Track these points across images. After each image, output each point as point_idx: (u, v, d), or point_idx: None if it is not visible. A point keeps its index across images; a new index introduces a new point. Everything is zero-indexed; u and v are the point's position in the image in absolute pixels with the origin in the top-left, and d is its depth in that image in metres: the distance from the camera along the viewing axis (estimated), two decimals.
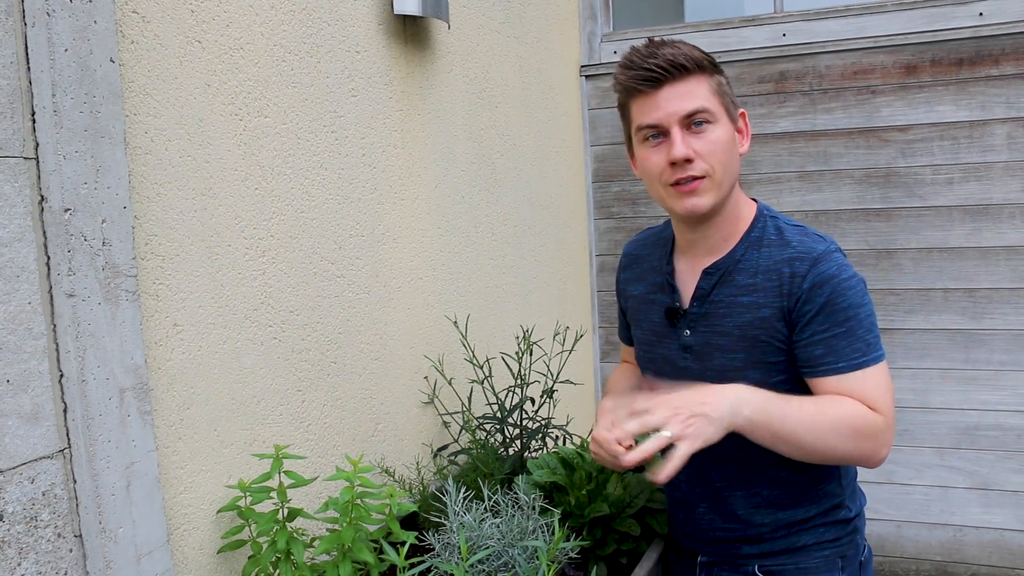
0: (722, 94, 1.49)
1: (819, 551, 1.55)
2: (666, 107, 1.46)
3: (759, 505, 1.58)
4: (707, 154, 1.47)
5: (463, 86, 2.65)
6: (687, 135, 1.46)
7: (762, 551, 1.58)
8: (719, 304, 1.53)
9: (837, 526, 1.57)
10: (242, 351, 1.77)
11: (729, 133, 1.49)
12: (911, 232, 3.27)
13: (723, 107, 1.48)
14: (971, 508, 3.29)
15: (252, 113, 1.80)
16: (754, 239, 1.53)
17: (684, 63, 1.45)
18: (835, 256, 1.46)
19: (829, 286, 1.43)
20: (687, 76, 1.46)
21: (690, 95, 1.46)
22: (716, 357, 1.54)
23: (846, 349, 1.42)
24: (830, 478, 1.56)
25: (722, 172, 1.48)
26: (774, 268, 1.49)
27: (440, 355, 2.46)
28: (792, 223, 1.55)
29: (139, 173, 1.53)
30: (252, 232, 1.80)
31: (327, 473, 2.01)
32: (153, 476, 1.52)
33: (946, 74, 3.17)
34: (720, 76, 1.51)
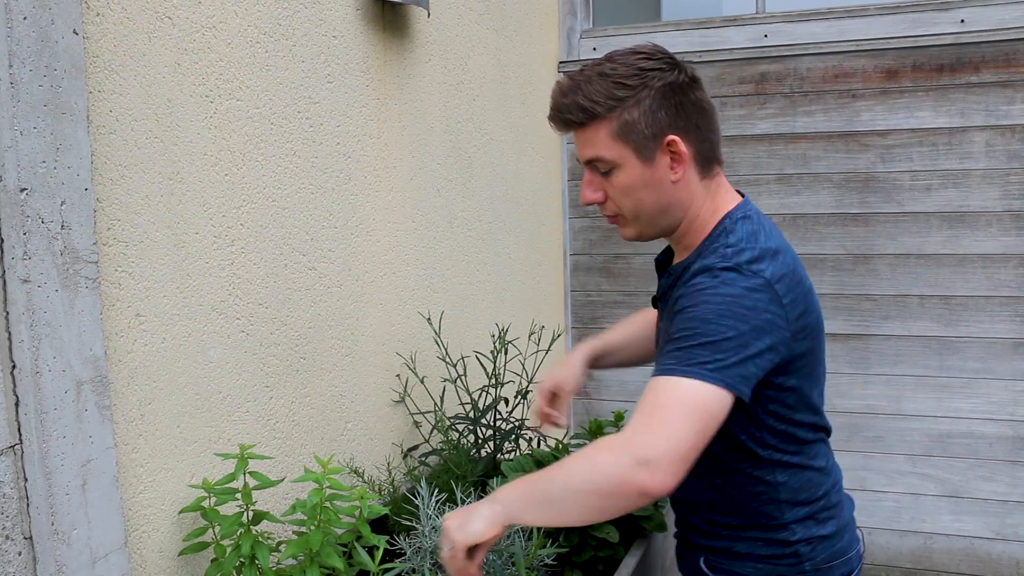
0: (627, 134, 1.39)
1: (752, 562, 1.51)
2: (577, 149, 1.47)
3: (700, 504, 1.56)
4: (614, 196, 1.45)
5: (441, 77, 2.58)
6: (596, 176, 1.45)
7: (707, 546, 1.56)
8: (668, 304, 1.48)
9: (774, 544, 1.50)
10: (208, 344, 1.69)
11: (636, 174, 1.41)
12: (888, 238, 3.25)
13: (630, 148, 1.40)
14: (942, 516, 3.28)
15: (223, 95, 1.72)
16: (702, 248, 1.46)
17: (572, 118, 1.42)
18: (722, 274, 1.34)
19: (691, 296, 1.35)
20: (584, 125, 1.42)
21: (588, 143, 1.43)
22: None
23: (665, 355, 1.32)
24: (763, 499, 1.49)
25: (634, 211, 1.45)
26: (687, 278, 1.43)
27: (412, 353, 2.39)
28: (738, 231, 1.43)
29: (102, 153, 1.44)
30: (221, 220, 1.72)
31: (294, 473, 1.93)
32: (111, 475, 1.43)
33: (926, 80, 3.16)
34: (629, 112, 1.38)
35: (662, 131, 1.39)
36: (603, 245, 3.65)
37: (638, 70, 1.39)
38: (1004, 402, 3.17)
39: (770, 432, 1.44)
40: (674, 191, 1.44)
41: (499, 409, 2.37)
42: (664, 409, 1.24)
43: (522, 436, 2.37)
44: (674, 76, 1.40)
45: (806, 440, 1.49)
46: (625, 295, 3.63)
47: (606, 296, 3.66)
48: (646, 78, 1.39)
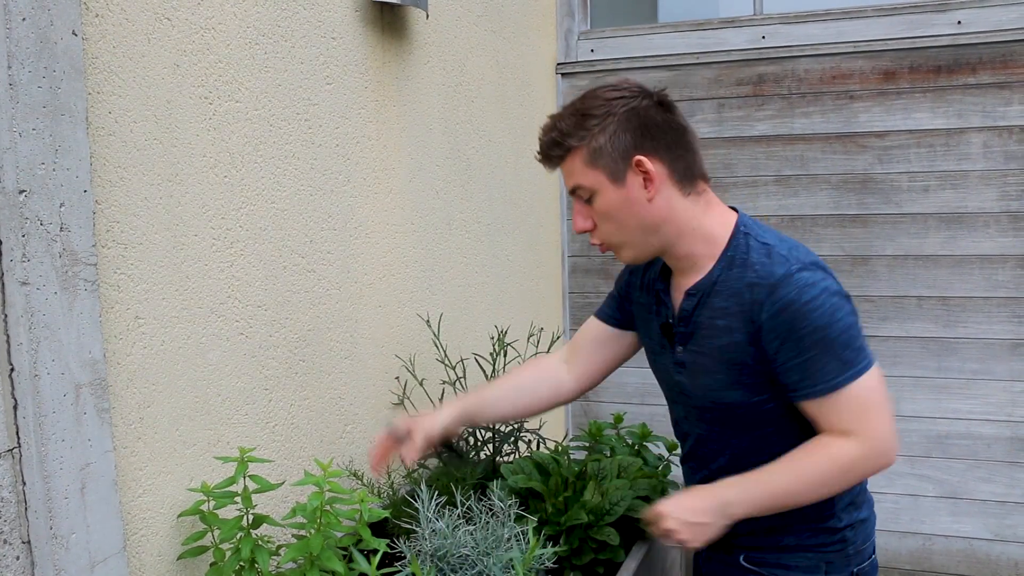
0: (597, 159, 1.47)
1: (802, 553, 1.57)
2: (564, 181, 1.56)
3: None
4: (599, 222, 1.52)
5: (440, 78, 2.58)
6: (584, 205, 1.54)
7: (749, 544, 1.61)
8: (700, 326, 1.53)
9: (823, 533, 1.57)
10: (207, 347, 1.68)
11: (612, 197, 1.48)
12: (887, 239, 3.25)
13: (602, 172, 1.47)
14: (940, 517, 3.28)
15: (222, 97, 1.71)
16: (728, 259, 1.50)
17: (553, 153, 1.52)
18: (795, 279, 1.41)
19: (789, 312, 1.40)
20: (563, 159, 1.51)
21: (568, 174, 1.52)
22: (701, 376, 1.55)
23: (820, 372, 1.41)
24: None
25: (619, 235, 1.52)
26: (738, 292, 1.47)
27: (411, 355, 2.38)
28: (763, 239, 1.50)
29: (101, 155, 1.43)
30: (220, 222, 1.71)
31: (293, 476, 1.92)
32: (110, 478, 1.43)
33: (924, 81, 3.16)
34: (595, 139, 1.46)
35: (628, 152, 1.46)
36: None
37: (604, 101, 1.48)
38: (1002, 403, 3.17)
39: None
40: (652, 210, 1.49)
41: None
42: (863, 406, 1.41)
43: (520, 439, 2.36)
44: (638, 102, 1.47)
45: None
46: None
47: (604, 298, 3.65)
48: (611, 107, 1.47)
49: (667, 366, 1.64)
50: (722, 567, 1.65)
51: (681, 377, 1.60)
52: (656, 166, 1.46)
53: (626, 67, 3.53)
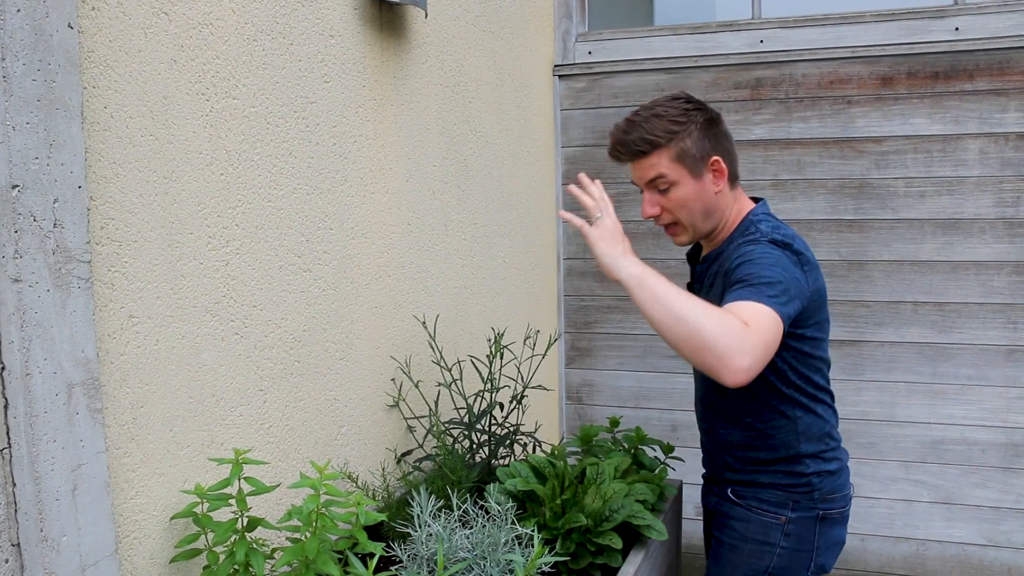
0: (683, 158, 1.82)
1: (774, 490, 1.90)
2: (635, 175, 1.88)
3: (733, 443, 1.94)
4: (671, 209, 1.86)
5: (437, 78, 2.56)
6: (655, 194, 1.86)
7: (735, 479, 1.95)
8: (703, 288, 1.92)
9: (792, 476, 1.88)
10: (201, 346, 1.66)
11: (691, 188, 1.83)
12: (883, 244, 3.25)
13: (685, 168, 1.82)
14: (934, 522, 3.28)
15: (220, 94, 1.69)
16: (735, 235, 1.87)
17: (641, 148, 1.83)
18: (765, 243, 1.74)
19: (744, 255, 1.72)
20: (647, 154, 1.83)
21: (651, 167, 1.83)
22: None
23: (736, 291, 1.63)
24: (783, 431, 1.86)
25: (689, 219, 1.86)
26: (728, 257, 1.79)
27: (407, 356, 2.36)
28: (759, 224, 1.83)
29: (96, 151, 1.41)
30: (216, 220, 1.69)
31: (288, 478, 1.90)
32: (102, 479, 1.40)
33: (921, 87, 3.16)
34: (682, 142, 1.81)
35: (708, 154, 1.83)
36: None
37: (683, 111, 1.83)
38: (997, 409, 3.17)
39: (793, 372, 1.82)
40: (715, 200, 1.86)
41: (494, 414, 2.34)
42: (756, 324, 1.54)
43: (517, 442, 2.34)
44: (707, 115, 1.86)
45: (818, 388, 1.87)
46: (619, 300, 3.61)
47: (600, 301, 3.64)
48: (691, 116, 1.83)
49: None
50: (717, 500, 2.00)
51: None
52: (723, 164, 1.84)
53: (624, 69, 3.52)
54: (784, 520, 1.88)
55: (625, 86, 3.54)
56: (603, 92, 3.58)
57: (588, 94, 3.60)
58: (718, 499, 1.99)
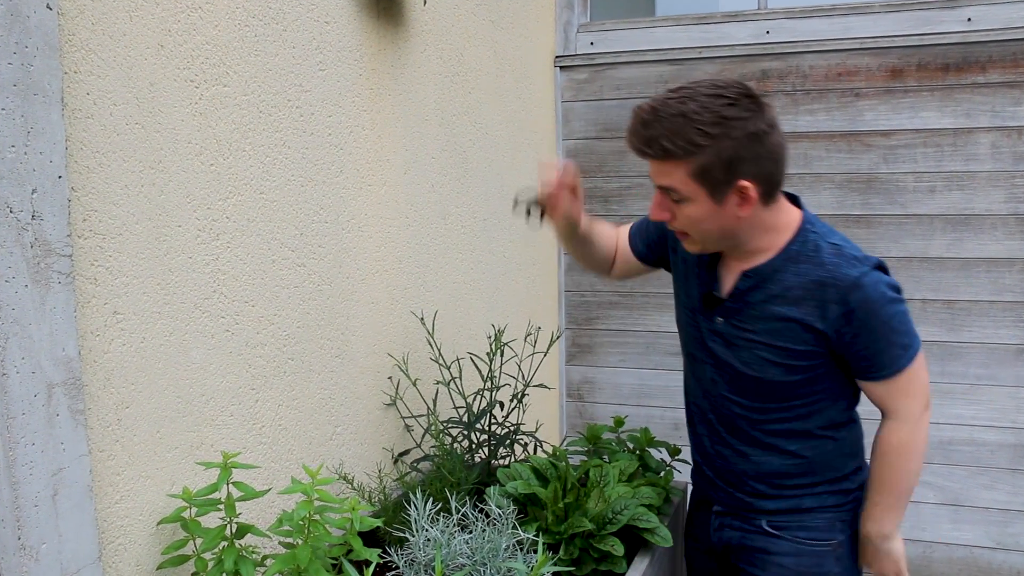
0: (702, 177, 1.50)
1: (822, 513, 1.72)
2: (651, 172, 1.58)
3: (772, 471, 1.73)
4: (681, 219, 1.59)
5: (436, 68, 2.49)
6: (667, 200, 1.58)
7: (771, 508, 1.74)
8: (752, 306, 1.64)
9: (838, 495, 1.72)
10: (190, 344, 1.59)
11: (707, 209, 1.54)
12: (891, 240, 3.18)
13: (703, 189, 1.51)
14: (941, 524, 3.22)
15: (209, 81, 1.62)
16: (793, 252, 1.60)
17: (650, 152, 1.52)
18: (867, 279, 1.55)
19: (862, 311, 1.55)
20: (664, 159, 1.52)
21: (663, 174, 1.54)
22: (744, 349, 1.67)
23: (885, 358, 1.59)
24: (831, 455, 1.71)
25: (700, 235, 1.60)
26: (807, 287, 1.58)
27: (405, 354, 2.29)
28: (830, 240, 1.61)
29: (78, 139, 1.34)
30: (205, 212, 1.62)
31: (281, 480, 1.83)
32: (84, 484, 1.34)
33: (932, 79, 3.09)
34: (705, 159, 1.48)
35: (735, 177, 1.50)
36: None
37: (721, 118, 1.46)
38: (1007, 409, 3.10)
39: (849, 391, 1.69)
40: (738, 223, 1.57)
41: (494, 413, 2.28)
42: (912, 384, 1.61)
43: (517, 442, 2.28)
44: (755, 125, 1.48)
45: (855, 398, 1.73)
46: (620, 296, 3.54)
47: (601, 297, 3.58)
48: (728, 128, 1.46)
49: (701, 329, 1.74)
50: (741, 534, 1.78)
51: (716, 345, 1.71)
52: (755, 190, 1.52)
53: (626, 61, 3.45)
54: (836, 544, 1.72)
55: (628, 78, 3.47)
56: (605, 84, 3.51)
57: (590, 86, 3.53)
58: (745, 533, 1.77)
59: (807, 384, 1.65)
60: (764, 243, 1.61)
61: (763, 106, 1.50)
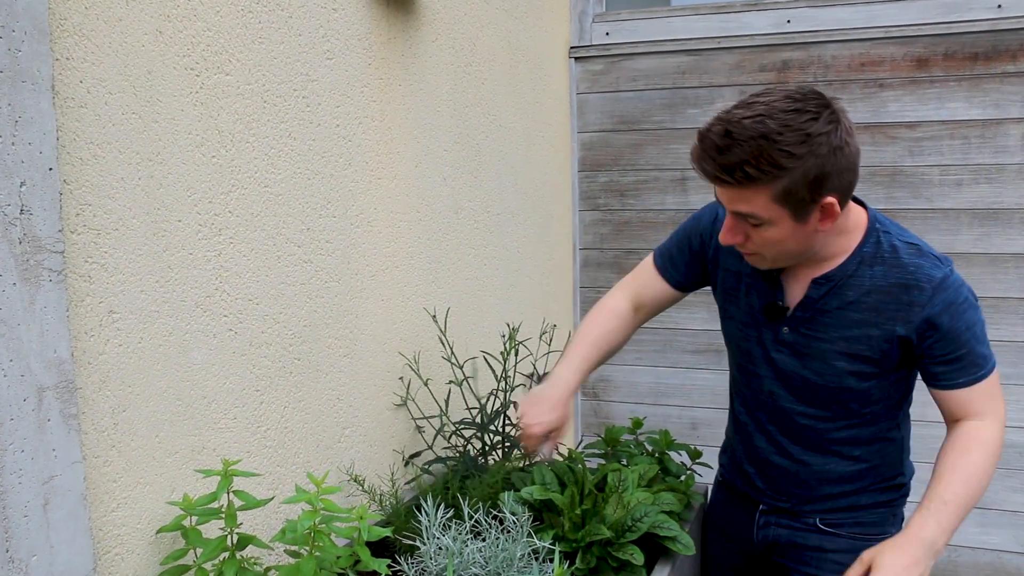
0: (787, 199, 1.41)
1: (876, 509, 1.71)
2: (722, 198, 1.49)
3: (829, 478, 1.70)
4: (758, 243, 1.50)
5: (448, 58, 2.41)
6: (742, 223, 1.49)
7: (824, 507, 1.73)
8: (826, 314, 1.58)
9: (892, 490, 1.73)
10: (191, 344, 1.53)
11: (788, 230, 1.46)
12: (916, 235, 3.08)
13: (786, 211, 1.43)
14: (967, 528, 3.12)
15: (211, 69, 1.55)
16: (867, 255, 1.55)
17: (729, 180, 1.41)
18: (951, 280, 1.51)
19: (948, 314, 1.50)
20: (745, 186, 1.41)
21: (742, 200, 1.44)
22: (815, 359, 1.62)
23: (965, 367, 1.54)
24: (891, 455, 1.71)
25: (775, 255, 1.53)
26: (888, 290, 1.53)
27: (416, 353, 2.22)
28: (906, 239, 1.56)
29: (71, 129, 1.27)
30: (207, 207, 1.55)
31: (286, 484, 1.77)
32: (78, 492, 1.27)
33: (959, 69, 2.99)
34: (792, 180, 1.38)
35: (821, 196, 1.41)
36: (614, 239, 3.48)
37: (805, 136, 1.36)
38: None
39: (911, 394, 1.70)
40: (814, 237, 1.50)
41: (508, 415, 2.21)
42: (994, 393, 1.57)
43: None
44: (839, 139, 1.38)
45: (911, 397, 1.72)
46: None
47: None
48: (813, 145, 1.36)
49: (763, 340, 1.67)
50: (790, 532, 1.76)
51: (782, 355, 1.65)
52: (838, 204, 1.44)
53: (643, 51, 3.36)
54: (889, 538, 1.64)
55: (644, 69, 3.38)
56: (621, 75, 3.42)
57: (606, 77, 3.44)
58: (794, 531, 1.75)
59: (879, 391, 1.62)
60: (835, 248, 1.55)
61: (840, 113, 1.42)
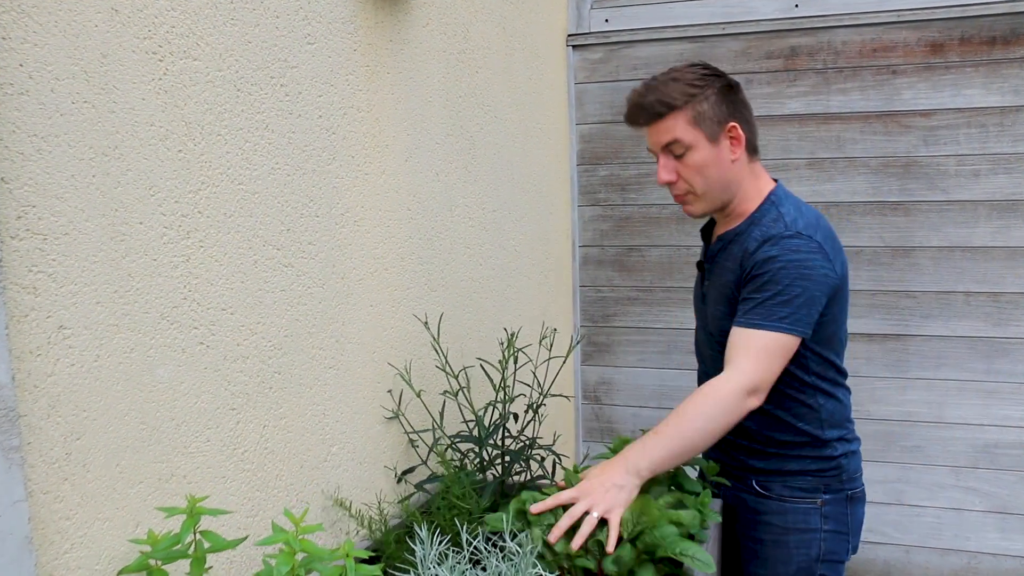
0: (699, 121, 1.78)
1: (803, 477, 1.87)
2: (650, 140, 1.85)
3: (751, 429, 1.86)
4: (686, 174, 1.81)
5: (441, 44, 2.25)
6: (671, 160, 1.82)
7: (758, 466, 1.89)
8: (717, 266, 1.88)
9: (820, 460, 1.87)
10: (156, 361, 1.37)
11: (708, 154, 1.79)
12: (931, 228, 2.95)
13: (701, 132, 1.78)
14: (988, 533, 2.99)
15: (176, 53, 1.39)
16: (755, 218, 1.82)
17: (658, 110, 1.79)
18: (785, 241, 1.73)
19: (765, 264, 1.72)
20: (663, 116, 1.79)
21: (666, 131, 1.80)
22: (711, 305, 1.89)
23: (752, 310, 1.72)
24: (808, 420, 1.85)
25: (704, 186, 1.82)
26: (744, 243, 1.79)
27: (407, 362, 2.06)
28: (781, 209, 1.80)
29: (9, 119, 1.11)
30: (173, 207, 1.39)
31: (267, 508, 1.61)
32: (21, 535, 1.11)
33: (976, 54, 2.85)
34: (700, 104, 1.77)
35: (725, 119, 1.80)
36: (615, 236, 3.33)
37: (701, 76, 1.80)
38: None
39: (815, 358, 1.82)
40: (732, 169, 1.82)
41: (507, 427, 2.05)
42: (758, 351, 1.70)
43: (533, 458, 2.05)
44: (725, 81, 1.83)
45: (839, 371, 1.88)
46: (640, 291, 3.31)
47: (619, 292, 3.34)
48: (708, 81, 1.80)
49: (698, 295, 1.99)
50: (738, 493, 1.93)
51: (703, 305, 1.95)
52: (741, 133, 1.80)
53: (643, 39, 3.21)
54: (821, 503, 1.86)
55: (645, 56, 3.23)
56: (621, 63, 3.27)
57: (605, 66, 3.29)
58: (736, 492, 1.93)
59: None
60: (742, 209, 1.84)
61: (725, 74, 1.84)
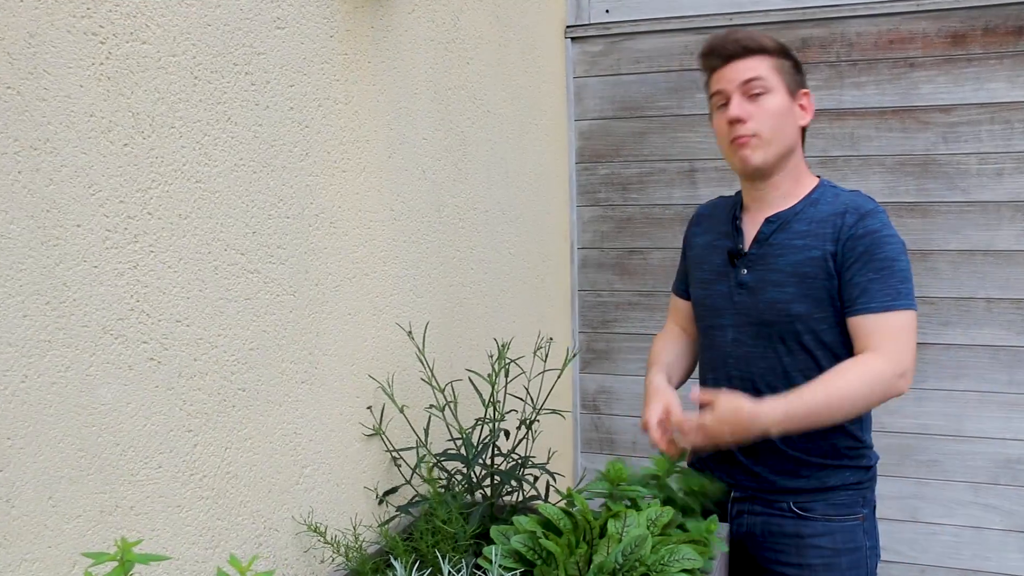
0: (783, 72, 1.77)
1: (845, 491, 1.80)
2: (729, 76, 1.78)
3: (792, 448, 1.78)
4: (759, 117, 1.75)
5: (427, 33, 2.10)
6: (744, 101, 1.75)
7: (794, 488, 1.80)
8: (776, 247, 1.79)
9: (859, 471, 1.81)
10: (97, 380, 1.22)
11: (784, 103, 1.76)
12: (951, 231, 2.80)
13: (782, 82, 1.77)
14: (1009, 553, 2.84)
15: (121, 34, 1.24)
16: (813, 199, 1.80)
17: (748, 45, 1.77)
18: (880, 215, 1.73)
19: (871, 238, 1.69)
20: (750, 55, 1.76)
21: (751, 69, 1.76)
22: (769, 291, 1.78)
23: (878, 293, 1.67)
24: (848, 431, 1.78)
25: (771, 133, 1.75)
26: (827, 219, 1.75)
27: (390, 375, 1.91)
28: (849, 191, 1.81)
29: None
30: (117, 207, 1.24)
31: (230, 540, 1.47)
32: None
33: (1001, 45, 2.70)
34: (786, 60, 1.79)
35: (800, 85, 1.82)
36: (616, 238, 3.18)
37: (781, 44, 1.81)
38: None
39: None
40: (797, 134, 1.81)
41: (498, 445, 1.91)
42: (901, 333, 1.67)
43: (525, 479, 1.90)
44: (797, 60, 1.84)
45: None
46: (641, 295, 3.16)
47: (619, 296, 3.19)
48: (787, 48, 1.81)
49: (724, 291, 1.85)
50: (765, 519, 1.83)
51: (742, 297, 1.82)
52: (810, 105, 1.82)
53: (647, 30, 3.06)
54: (862, 518, 1.81)
55: (648, 49, 3.08)
56: (623, 57, 3.12)
57: (605, 59, 3.14)
58: (769, 517, 1.82)
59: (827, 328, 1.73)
60: (791, 190, 1.81)
61: None
